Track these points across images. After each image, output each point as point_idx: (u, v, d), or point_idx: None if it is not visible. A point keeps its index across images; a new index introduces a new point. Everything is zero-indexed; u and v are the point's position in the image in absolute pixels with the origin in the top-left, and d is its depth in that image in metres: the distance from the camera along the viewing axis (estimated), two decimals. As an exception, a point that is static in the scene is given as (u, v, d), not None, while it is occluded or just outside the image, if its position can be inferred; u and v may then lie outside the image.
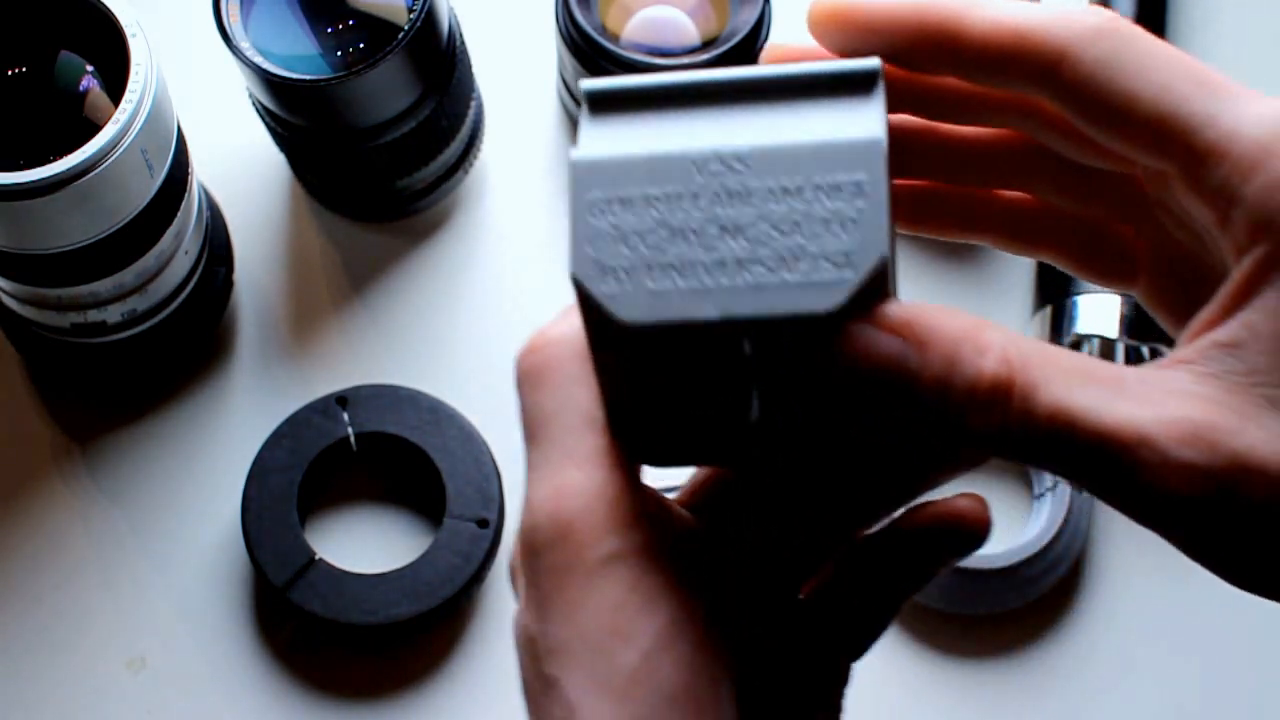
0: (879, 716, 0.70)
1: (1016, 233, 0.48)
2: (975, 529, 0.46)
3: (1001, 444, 0.40)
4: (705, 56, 0.71)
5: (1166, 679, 0.71)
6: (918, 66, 0.43)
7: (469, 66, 0.71)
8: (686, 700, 0.41)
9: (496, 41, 0.78)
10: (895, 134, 0.43)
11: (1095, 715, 0.71)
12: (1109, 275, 0.48)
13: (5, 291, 0.68)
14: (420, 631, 0.70)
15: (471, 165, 0.76)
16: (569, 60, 0.73)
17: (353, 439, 0.71)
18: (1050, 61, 0.41)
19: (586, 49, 0.72)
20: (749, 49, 0.72)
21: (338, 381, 0.73)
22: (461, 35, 0.70)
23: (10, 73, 0.62)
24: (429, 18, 0.65)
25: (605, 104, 0.46)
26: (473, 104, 0.73)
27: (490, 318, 0.74)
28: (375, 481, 0.73)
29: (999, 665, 0.71)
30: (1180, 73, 0.41)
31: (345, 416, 0.71)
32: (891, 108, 0.42)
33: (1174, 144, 0.41)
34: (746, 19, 0.72)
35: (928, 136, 0.46)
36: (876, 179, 0.40)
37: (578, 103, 0.76)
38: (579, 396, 0.45)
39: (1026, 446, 0.40)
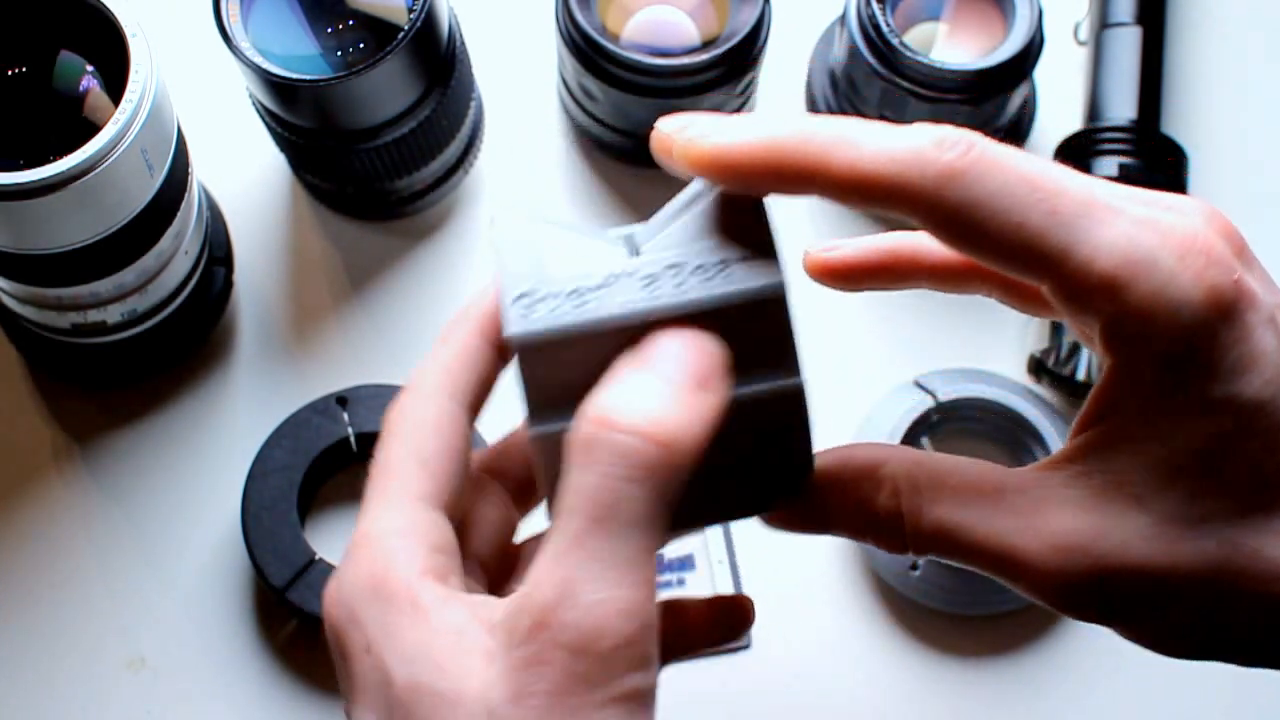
0: (879, 716, 0.71)
1: (944, 281, 0.53)
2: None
3: (915, 551, 0.48)
4: (705, 56, 0.71)
5: (1166, 679, 0.71)
6: (794, 193, 0.46)
7: (469, 66, 0.71)
8: None
9: (496, 41, 0.78)
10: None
11: (1095, 715, 0.71)
12: (1037, 309, 0.52)
13: (5, 291, 0.68)
14: (420, 631, 0.70)
15: (471, 165, 0.76)
16: (569, 60, 0.73)
17: (353, 439, 0.71)
18: (910, 205, 0.45)
19: (586, 49, 0.72)
20: (749, 49, 0.72)
21: (338, 381, 0.73)
22: (461, 35, 0.70)
23: (10, 73, 0.62)
24: (429, 18, 0.65)
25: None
26: (473, 104, 0.73)
27: (490, 318, 0.74)
28: (375, 481, 0.73)
29: (999, 665, 0.71)
30: (1033, 206, 0.45)
31: (345, 416, 0.71)
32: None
33: (1037, 274, 0.45)
34: (746, 19, 0.72)
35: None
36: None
37: (578, 103, 0.76)
38: (394, 448, 0.50)
39: (924, 553, 0.47)
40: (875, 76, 0.72)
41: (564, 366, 0.47)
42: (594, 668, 0.43)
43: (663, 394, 0.45)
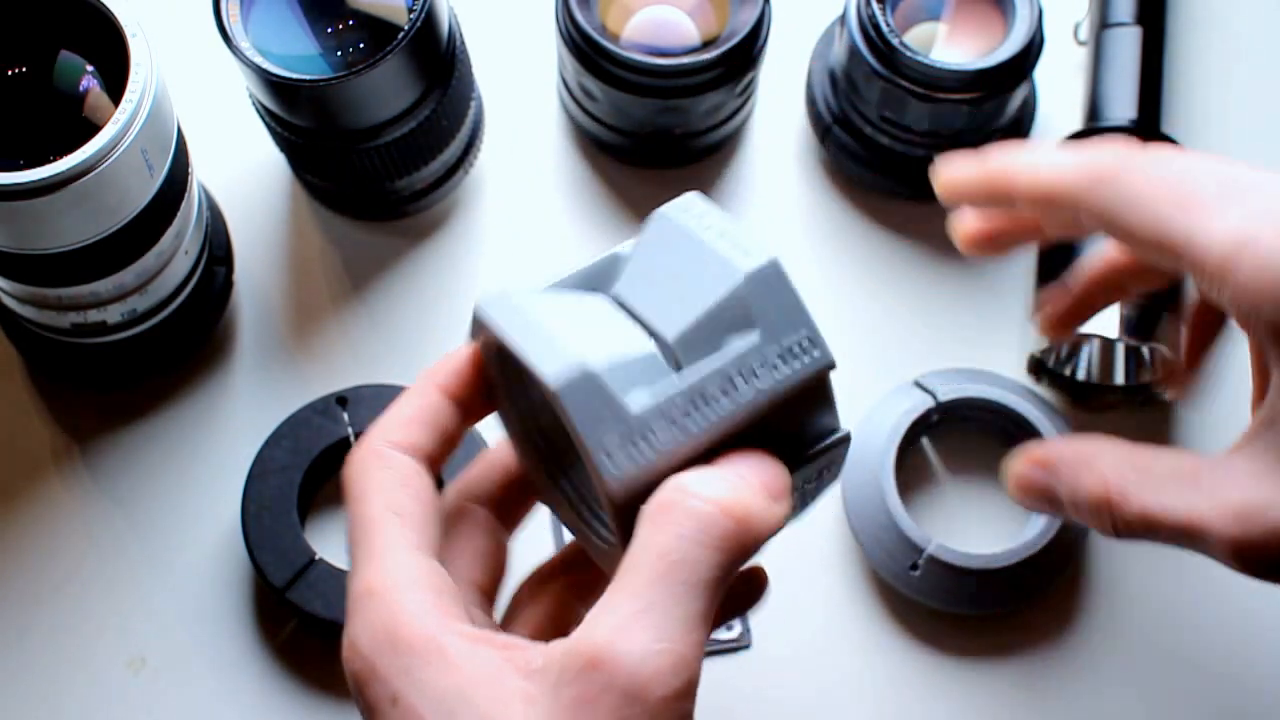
0: (879, 716, 0.71)
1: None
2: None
3: (1119, 536, 0.55)
4: (705, 56, 0.71)
5: (1166, 679, 0.71)
6: (1003, 207, 0.59)
7: (469, 66, 0.71)
8: None
9: (496, 41, 0.78)
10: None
11: (1095, 715, 0.71)
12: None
13: (5, 291, 0.68)
14: (420, 631, 0.70)
15: (471, 165, 0.76)
16: (569, 60, 0.73)
17: (353, 439, 0.71)
18: (1072, 207, 0.55)
19: (586, 49, 0.72)
20: (749, 49, 0.72)
21: (338, 381, 0.73)
22: (461, 35, 0.70)
23: (10, 73, 0.62)
24: (429, 18, 0.65)
25: None
26: (473, 104, 0.73)
27: (490, 318, 0.74)
28: (375, 481, 0.73)
29: (999, 665, 0.71)
30: (1164, 199, 0.53)
31: (345, 416, 0.71)
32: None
33: (1171, 260, 0.53)
34: (746, 19, 0.72)
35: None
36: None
37: (578, 103, 0.76)
38: (382, 520, 0.51)
39: (1133, 537, 0.54)
40: (875, 76, 0.72)
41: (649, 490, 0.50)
42: (641, 716, 0.45)
43: (740, 487, 0.48)
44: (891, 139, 0.74)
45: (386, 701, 0.47)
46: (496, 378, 0.56)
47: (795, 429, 0.52)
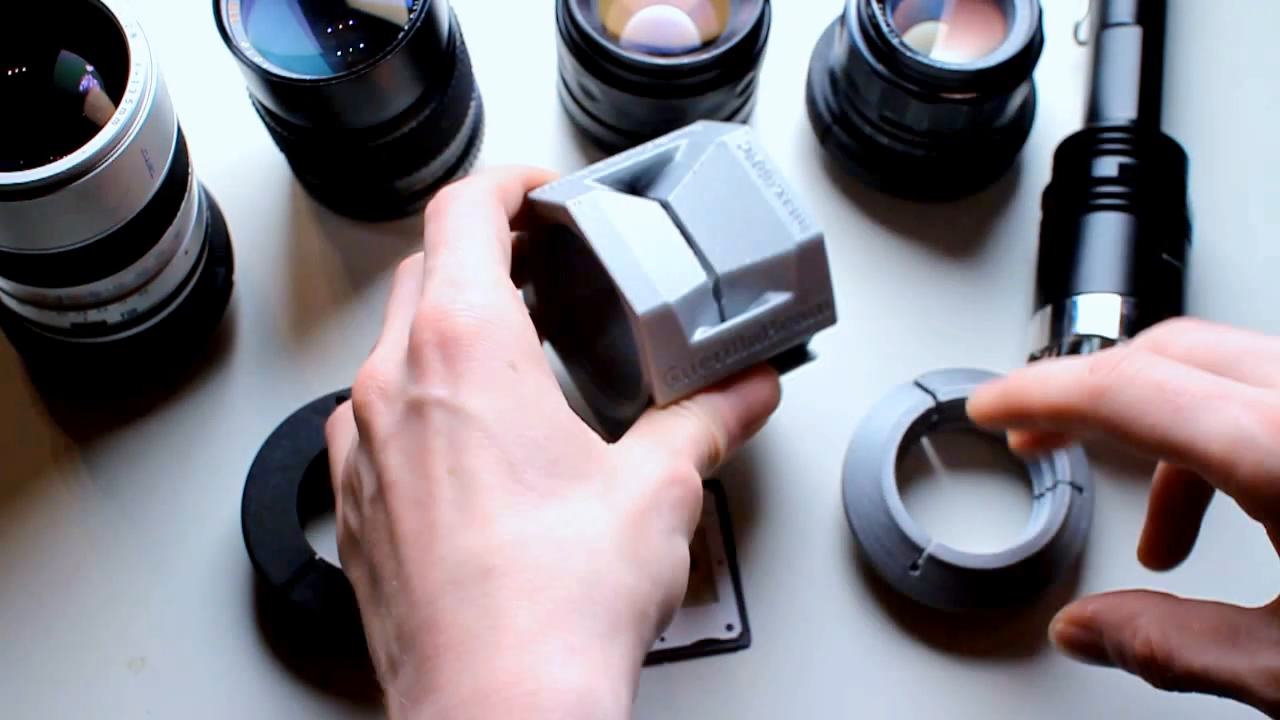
0: (878, 716, 0.70)
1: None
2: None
3: (1168, 688, 0.59)
4: (705, 56, 0.71)
5: (1166, 679, 0.71)
6: (1022, 428, 0.67)
7: (469, 66, 0.71)
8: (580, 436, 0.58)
9: (496, 41, 0.78)
10: None
11: (1094, 715, 0.71)
12: None
13: (5, 291, 0.68)
14: (420, 631, 0.70)
15: (471, 165, 0.76)
16: (569, 60, 0.73)
17: (353, 439, 0.71)
18: (1079, 421, 0.59)
19: (586, 49, 0.72)
20: (749, 49, 0.72)
21: (338, 381, 0.73)
22: (461, 35, 0.70)
23: (10, 73, 0.62)
24: (429, 18, 0.65)
25: None
26: (473, 104, 0.73)
27: (490, 318, 0.74)
28: (375, 481, 0.73)
29: (999, 665, 0.71)
30: (1162, 406, 0.57)
31: (345, 416, 0.71)
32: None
33: (1178, 461, 0.57)
34: (746, 19, 0.72)
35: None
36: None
37: (578, 103, 0.76)
38: (481, 227, 0.61)
39: (1181, 690, 0.59)
40: (875, 76, 0.72)
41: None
42: (484, 349, 0.57)
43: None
44: (891, 139, 0.74)
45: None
46: (539, 246, 0.68)
47: (789, 358, 0.67)
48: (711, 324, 0.63)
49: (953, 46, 0.73)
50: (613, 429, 0.69)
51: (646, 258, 0.62)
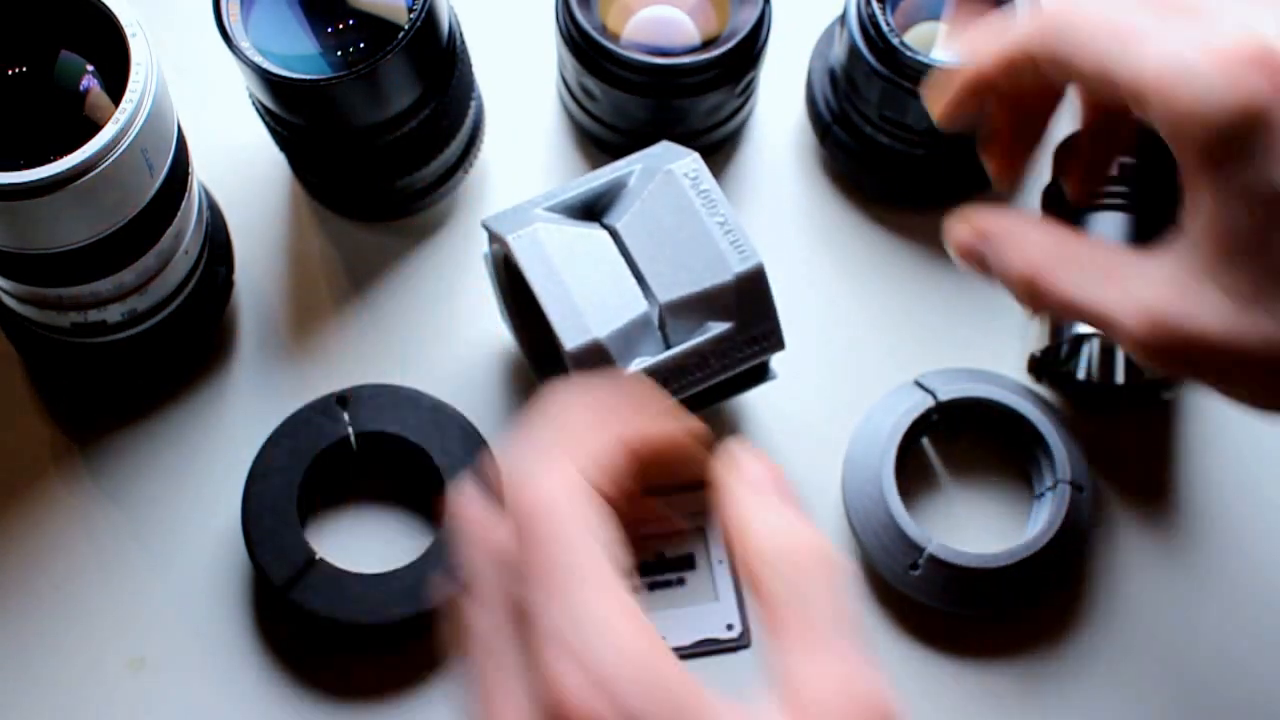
0: (879, 716, 0.70)
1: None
2: None
3: (1038, 314, 0.64)
4: (705, 56, 0.71)
5: (1166, 679, 0.71)
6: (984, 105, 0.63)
7: (469, 66, 0.71)
8: None
9: (496, 41, 0.78)
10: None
11: (1095, 715, 0.71)
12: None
13: (5, 291, 0.68)
14: (420, 631, 0.70)
15: (471, 165, 0.76)
16: (569, 60, 0.73)
17: (353, 439, 0.71)
18: (1032, 62, 0.58)
19: (586, 49, 0.72)
20: (749, 49, 0.72)
21: (338, 381, 0.73)
22: (461, 35, 0.70)
23: (10, 73, 0.62)
24: (429, 18, 0.65)
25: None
26: (473, 104, 0.73)
27: (490, 318, 0.74)
28: (375, 481, 0.73)
29: (999, 665, 0.71)
30: (1103, 34, 0.56)
31: (345, 416, 0.71)
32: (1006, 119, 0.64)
33: (1114, 92, 0.56)
34: (746, 19, 0.72)
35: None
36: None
37: (578, 103, 0.76)
38: (591, 563, 0.48)
39: (1052, 315, 0.63)
40: (875, 76, 0.72)
41: None
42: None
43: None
44: (891, 138, 0.74)
45: None
46: (505, 280, 0.69)
47: (738, 384, 0.69)
48: (654, 353, 0.65)
49: (953, 46, 0.73)
50: None
51: (583, 290, 0.64)
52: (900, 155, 0.75)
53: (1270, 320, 0.55)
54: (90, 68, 0.62)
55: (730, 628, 0.71)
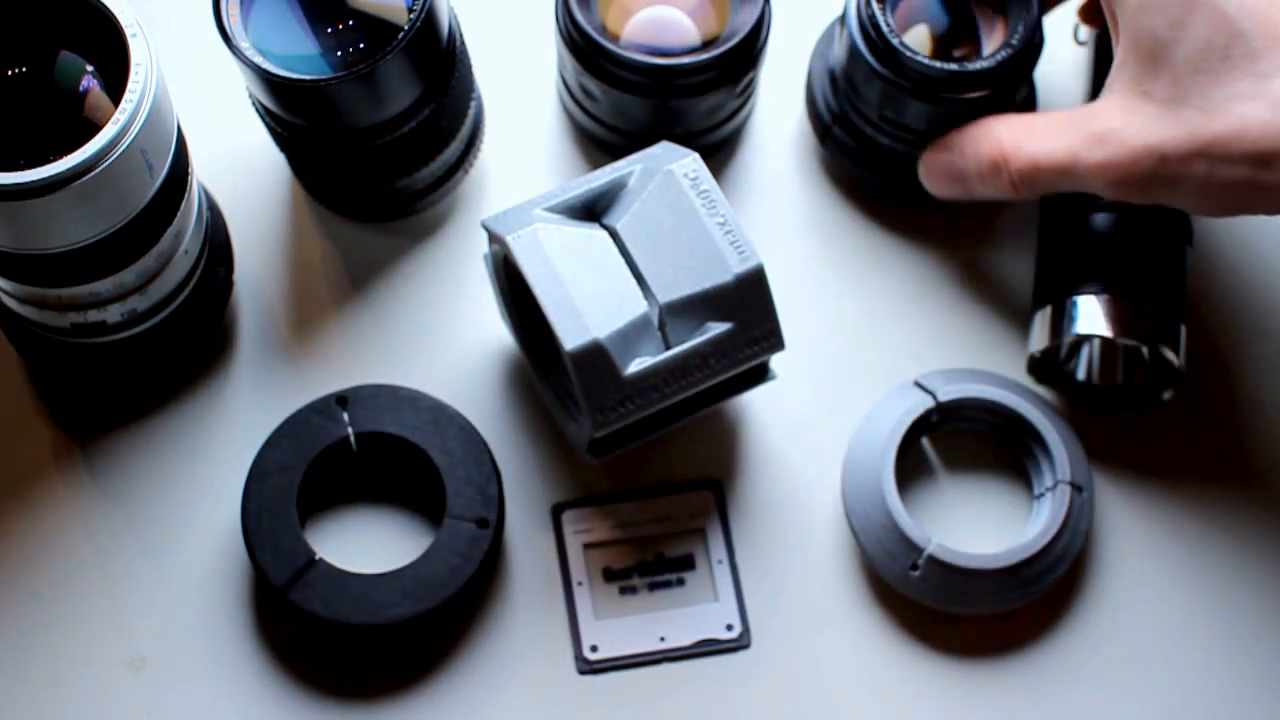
0: (878, 716, 0.70)
1: None
2: None
3: (1014, 190, 0.68)
4: (705, 56, 0.71)
5: (1166, 679, 0.71)
6: None
7: (469, 66, 0.71)
8: None
9: (496, 41, 0.78)
10: None
11: (1095, 715, 0.71)
12: None
13: (5, 291, 0.68)
14: (420, 631, 0.70)
15: (471, 165, 0.76)
16: (569, 60, 0.73)
17: (353, 439, 0.71)
18: None
19: (586, 49, 0.72)
20: (749, 49, 0.72)
21: (338, 381, 0.73)
22: (461, 35, 0.70)
23: (10, 73, 0.62)
24: (429, 18, 0.65)
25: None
26: (473, 104, 0.73)
27: (490, 318, 0.74)
28: (375, 481, 0.73)
29: (999, 665, 0.71)
30: None
31: (345, 416, 0.71)
32: None
33: None
34: (746, 19, 0.72)
35: None
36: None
37: (578, 103, 0.76)
38: None
39: (1026, 187, 0.68)
40: (875, 77, 0.71)
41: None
42: None
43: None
44: (891, 139, 0.74)
45: None
46: (505, 280, 0.70)
47: (738, 384, 0.69)
48: (654, 353, 0.65)
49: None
50: (570, 444, 0.72)
51: (583, 291, 0.64)
52: (900, 155, 0.75)
53: (1195, 114, 0.63)
54: (90, 68, 0.62)
55: (730, 628, 0.72)
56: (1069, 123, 0.67)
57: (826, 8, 0.77)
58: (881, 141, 0.75)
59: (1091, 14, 0.76)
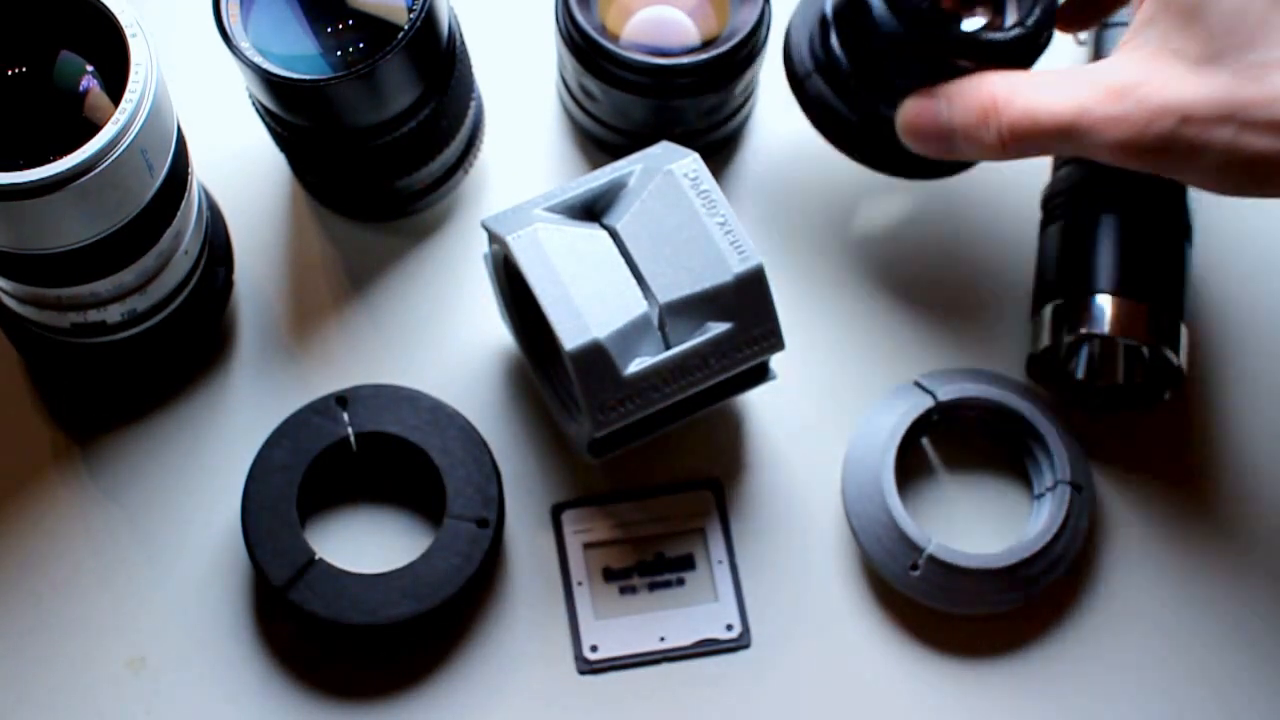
0: (878, 716, 0.70)
1: None
2: None
3: (1003, 147, 0.62)
4: (705, 56, 0.71)
5: (1166, 678, 0.71)
6: None
7: (469, 66, 0.71)
8: None
9: (496, 41, 0.78)
10: None
11: (1095, 715, 0.71)
12: None
13: (5, 291, 0.68)
14: (420, 631, 0.70)
15: (471, 165, 0.76)
16: (569, 60, 0.73)
17: (353, 439, 0.71)
18: None
19: (586, 49, 0.72)
20: (749, 49, 0.72)
21: (338, 381, 0.73)
22: (461, 35, 0.70)
23: (10, 73, 0.62)
24: (429, 18, 0.65)
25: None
26: (473, 104, 0.73)
27: (490, 318, 0.74)
28: (375, 481, 0.73)
29: (999, 665, 0.71)
30: None
31: (345, 416, 0.71)
32: None
33: None
34: (746, 19, 0.72)
35: None
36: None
37: (578, 103, 0.76)
38: None
39: (1017, 144, 0.61)
40: (878, 30, 0.68)
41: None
42: None
43: None
44: (871, 92, 0.70)
45: None
46: (505, 280, 0.70)
47: (738, 384, 0.69)
48: (654, 353, 0.65)
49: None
50: (570, 444, 0.72)
51: (583, 291, 0.64)
52: (881, 118, 0.71)
53: (1227, 76, 0.59)
54: (90, 68, 0.62)
55: (730, 628, 0.72)
56: (1077, 76, 0.61)
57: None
58: (862, 96, 0.71)
59: (1069, 20, 0.72)
